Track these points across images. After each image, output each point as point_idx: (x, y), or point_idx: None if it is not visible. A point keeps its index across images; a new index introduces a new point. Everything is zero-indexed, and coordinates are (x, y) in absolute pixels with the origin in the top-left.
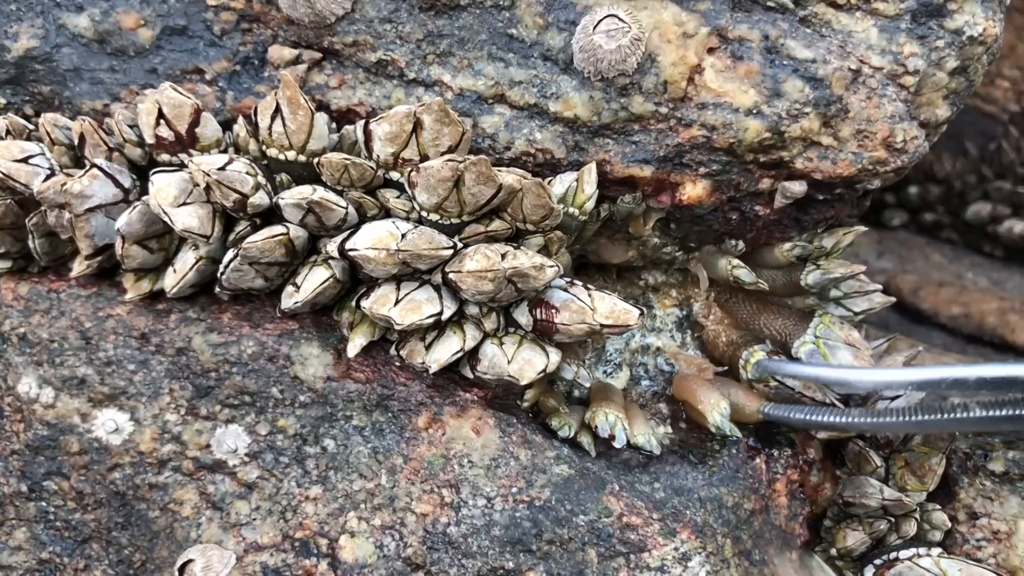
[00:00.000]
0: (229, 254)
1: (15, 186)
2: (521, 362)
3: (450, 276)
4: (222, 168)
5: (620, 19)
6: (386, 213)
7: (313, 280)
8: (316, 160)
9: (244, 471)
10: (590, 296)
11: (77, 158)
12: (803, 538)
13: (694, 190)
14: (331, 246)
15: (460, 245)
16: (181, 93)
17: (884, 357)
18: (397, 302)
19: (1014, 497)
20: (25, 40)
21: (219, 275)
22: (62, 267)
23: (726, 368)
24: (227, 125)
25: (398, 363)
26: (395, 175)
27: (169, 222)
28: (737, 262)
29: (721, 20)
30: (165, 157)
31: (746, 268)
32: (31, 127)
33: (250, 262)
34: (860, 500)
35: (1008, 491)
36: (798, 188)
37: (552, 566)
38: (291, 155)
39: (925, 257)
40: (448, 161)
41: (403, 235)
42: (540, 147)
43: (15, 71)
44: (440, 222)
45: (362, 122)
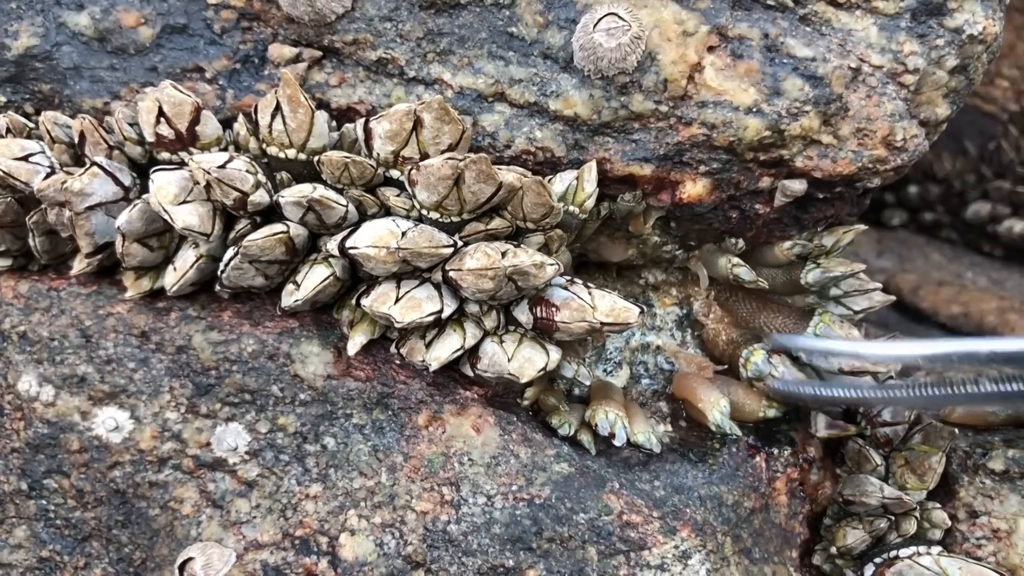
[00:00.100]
0: (229, 252)
1: (15, 184)
2: (521, 360)
3: (450, 274)
4: (222, 166)
5: (620, 17)
6: (386, 211)
7: (313, 278)
8: (316, 158)
9: (244, 469)
10: (590, 294)
11: (77, 156)
12: (803, 536)
13: (694, 188)
14: (331, 244)
15: (460, 243)
16: (181, 91)
17: None
18: (397, 300)
19: (1014, 495)
20: (25, 38)
21: (219, 273)
22: (62, 265)
23: (726, 366)
24: (227, 123)
25: (398, 361)
26: (395, 173)
27: (169, 220)
28: (737, 260)
29: (721, 18)
30: (165, 155)
31: (746, 266)
32: (31, 125)
33: (250, 260)
34: (860, 498)
35: (1008, 489)
36: (798, 186)
37: (552, 564)
38: (291, 153)
39: (925, 256)
40: (448, 159)
41: (403, 233)
42: (540, 145)
43: (15, 69)
44: (440, 220)
45: (362, 120)
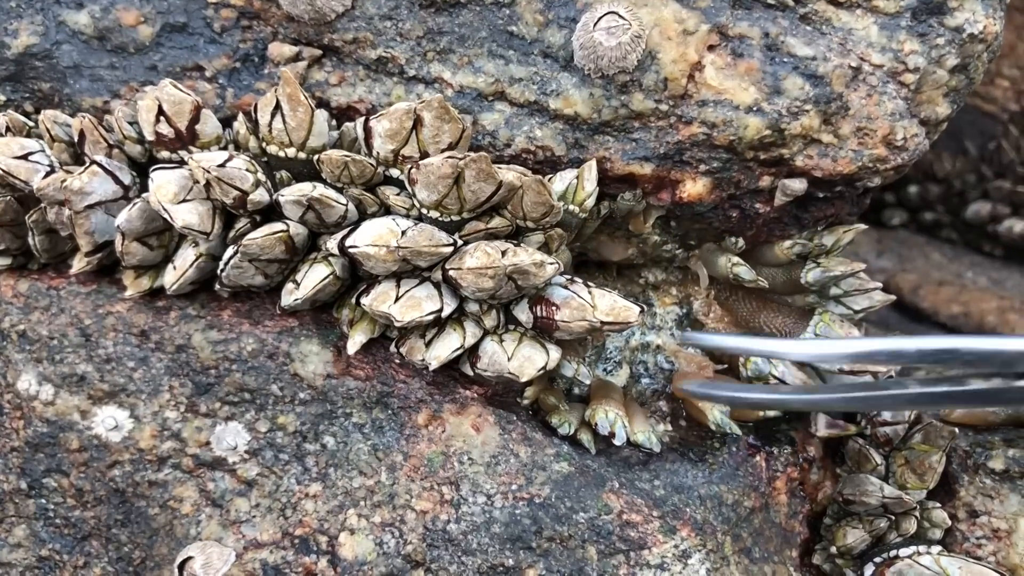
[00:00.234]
0: (229, 251)
1: (15, 183)
2: (521, 359)
3: (450, 273)
4: (222, 165)
5: (620, 16)
6: (386, 210)
7: (313, 277)
8: (316, 157)
9: (244, 468)
10: (590, 293)
11: (77, 155)
12: (803, 536)
13: (694, 188)
14: (331, 243)
15: (460, 242)
16: (181, 90)
17: None
18: (397, 299)
19: (1014, 495)
20: (25, 37)
21: (219, 272)
22: (62, 264)
23: (726, 366)
24: (227, 122)
25: (398, 360)
26: (395, 172)
27: (169, 219)
28: (737, 260)
29: (721, 17)
30: (165, 154)
31: (746, 266)
32: (31, 124)
33: (250, 259)
34: (860, 498)
35: (1008, 489)
36: (798, 186)
37: (552, 563)
38: (291, 152)
39: (925, 256)
40: (448, 158)
41: (403, 232)
42: (540, 144)
43: (15, 68)
44: (440, 219)
45: (362, 119)
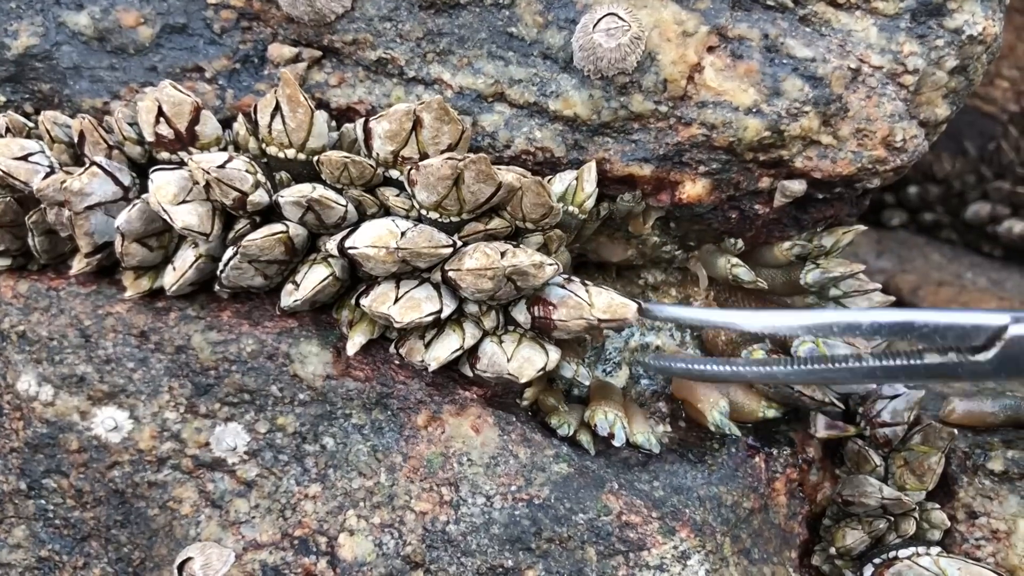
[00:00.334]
0: (228, 252)
1: (15, 184)
2: (520, 360)
3: (449, 274)
4: (222, 166)
5: (620, 17)
6: (386, 211)
7: (312, 278)
8: (316, 158)
9: (243, 469)
10: (587, 291)
11: (77, 156)
12: (802, 537)
13: (693, 189)
14: (330, 244)
15: (459, 243)
16: (181, 91)
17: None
18: (396, 300)
19: (1013, 496)
20: (25, 38)
21: (219, 273)
22: (61, 265)
23: None
24: (227, 123)
25: (397, 361)
26: (395, 173)
27: (169, 220)
28: (736, 261)
29: (721, 19)
30: (165, 155)
31: (745, 267)
32: (31, 125)
33: (249, 260)
34: (859, 499)
35: (1007, 490)
36: (797, 187)
37: (551, 564)
38: (291, 153)
39: (924, 257)
40: (448, 159)
41: (403, 233)
42: (540, 145)
43: (15, 69)
44: (440, 220)
45: (362, 120)
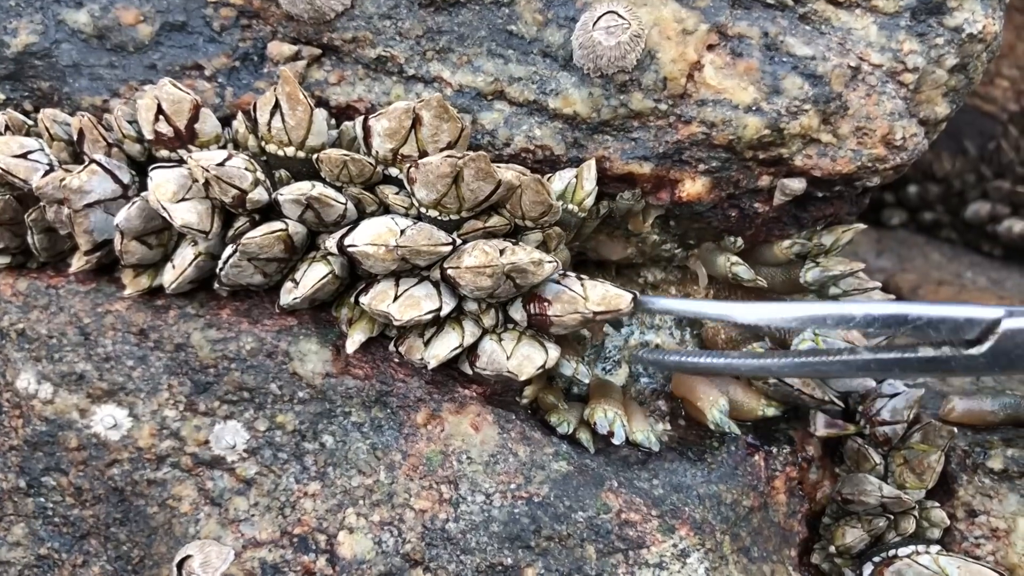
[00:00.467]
0: (228, 250)
1: (14, 182)
2: (520, 358)
3: (449, 272)
4: (221, 164)
5: (620, 16)
6: (385, 209)
7: (312, 276)
8: (315, 156)
9: (243, 467)
10: (582, 286)
11: (76, 154)
12: (802, 535)
13: (693, 187)
14: (330, 242)
15: (459, 241)
16: (180, 89)
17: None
18: (396, 298)
19: (1013, 495)
20: (24, 36)
21: (218, 271)
22: (61, 263)
23: None
24: (226, 121)
25: (397, 359)
26: (394, 171)
27: (168, 218)
28: (736, 259)
29: (721, 17)
30: (164, 153)
31: (745, 265)
32: (30, 123)
33: (249, 258)
34: (859, 497)
35: (1007, 489)
36: (797, 185)
37: (551, 562)
38: (290, 151)
39: (924, 256)
40: (447, 157)
41: (402, 231)
42: (539, 144)
43: (14, 67)
44: (439, 218)
45: (361, 118)
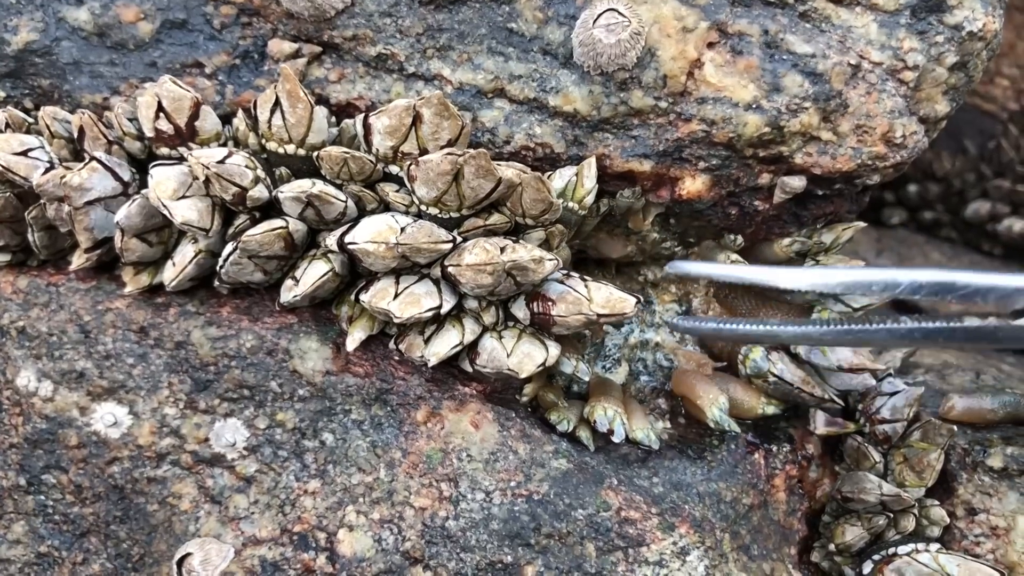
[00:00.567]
0: (228, 247)
1: (14, 179)
2: (520, 355)
3: (449, 270)
4: (221, 161)
5: (620, 13)
6: (385, 207)
7: (312, 274)
8: (315, 154)
9: (243, 465)
10: (586, 287)
11: (76, 151)
12: (801, 533)
13: (693, 185)
14: (330, 240)
15: (459, 239)
16: (181, 86)
17: (883, 353)
18: (396, 296)
19: (1012, 493)
20: (25, 33)
21: (218, 268)
22: (61, 260)
23: (725, 363)
24: (227, 119)
25: (397, 357)
26: (394, 169)
27: (168, 215)
28: (736, 257)
29: (721, 15)
30: (164, 150)
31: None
32: (30, 120)
33: (249, 255)
34: (859, 496)
35: (1007, 487)
36: (797, 183)
37: (551, 560)
38: (290, 149)
39: (924, 255)
40: (447, 155)
41: (402, 229)
42: (540, 141)
43: (15, 64)
44: (439, 216)
45: (361, 116)
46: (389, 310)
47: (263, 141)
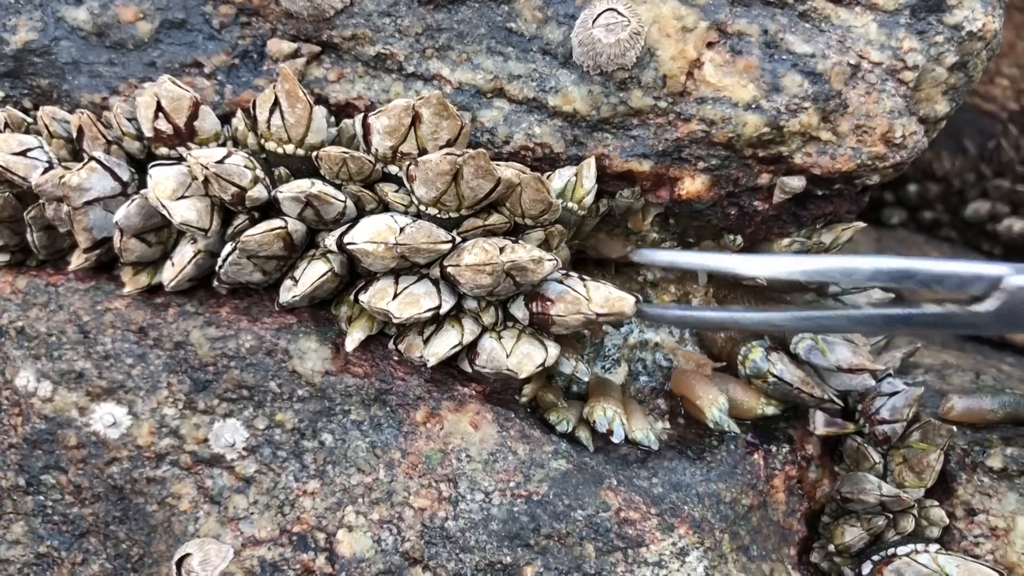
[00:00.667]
0: (227, 247)
1: (13, 179)
2: (520, 356)
3: (448, 270)
4: (220, 161)
5: (619, 13)
6: (385, 207)
7: (311, 274)
8: (314, 154)
9: (242, 465)
10: (585, 286)
11: (75, 151)
12: (801, 534)
13: (693, 185)
14: (329, 240)
15: (458, 239)
16: (180, 86)
17: (883, 354)
18: (395, 296)
19: (1012, 493)
20: (24, 33)
21: (217, 269)
22: (60, 261)
23: (724, 364)
24: (226, 119)
25: (396, 357)
26: (394, 169)
27: (167, 215)
28: None
29: (720, 14)
30: (163, 150)
31: None
32: (29, 120)
33: (248, 256)
34: (858, 496)
35: (1006, 487)
36: (797, 183)
37: (550, 560)
38: (289, 148)
39: (924, 255)
40: (447, 155)
41: (401, 229)
42: (539, 141)
43: (13, 64)
44: (439, 216)
45: (361, 116)
46: (388, 310)
47: (262, 141)
